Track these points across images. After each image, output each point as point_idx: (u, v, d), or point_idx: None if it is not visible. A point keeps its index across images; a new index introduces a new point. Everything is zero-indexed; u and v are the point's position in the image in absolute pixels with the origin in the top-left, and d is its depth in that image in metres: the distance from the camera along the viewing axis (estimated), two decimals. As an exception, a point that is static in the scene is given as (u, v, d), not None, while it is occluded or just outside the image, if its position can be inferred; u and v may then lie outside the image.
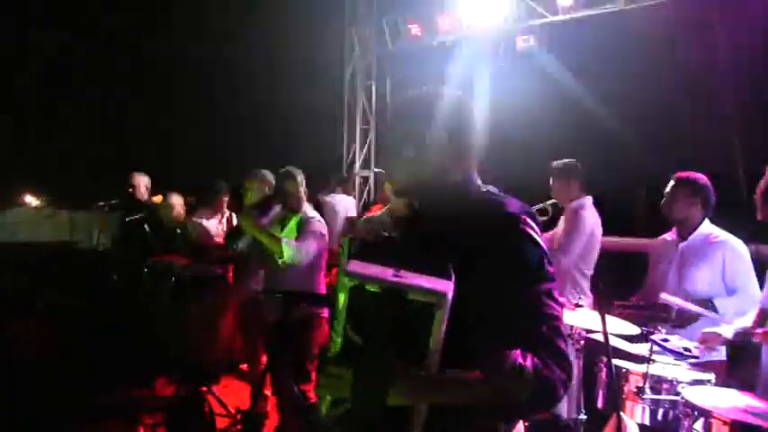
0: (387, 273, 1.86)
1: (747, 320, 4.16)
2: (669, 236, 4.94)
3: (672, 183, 4.78)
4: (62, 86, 17.36)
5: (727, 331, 4.12)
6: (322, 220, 5.70)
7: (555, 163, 5.95)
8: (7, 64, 16.48)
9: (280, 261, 5.40)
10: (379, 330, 1.87)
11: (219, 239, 7.29)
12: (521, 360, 1.91)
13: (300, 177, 5.69)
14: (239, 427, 6.05)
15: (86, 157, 17.38)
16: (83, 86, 17.32)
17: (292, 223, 5.65)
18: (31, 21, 16.74)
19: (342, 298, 1.89)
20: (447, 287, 1.85)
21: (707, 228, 4.70)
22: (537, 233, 2.11)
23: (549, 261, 2.10)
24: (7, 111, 16.72)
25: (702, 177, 4.73)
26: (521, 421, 2.28)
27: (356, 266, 1.88)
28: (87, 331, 7.35)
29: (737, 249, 4.59)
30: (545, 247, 2.11)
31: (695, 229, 4.70)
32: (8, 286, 8.60)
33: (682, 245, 4.74)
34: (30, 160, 17.48)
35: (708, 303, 4.41)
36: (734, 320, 4.24)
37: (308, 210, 5.68)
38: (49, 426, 5.84)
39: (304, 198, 5.69)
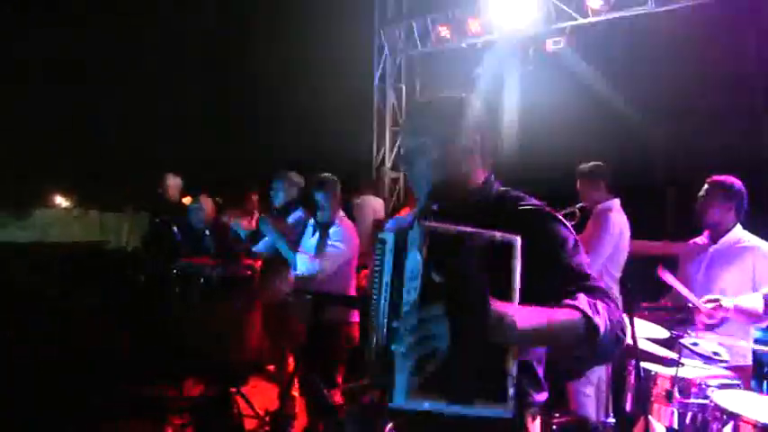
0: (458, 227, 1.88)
1: (755, 301, 4.11)
2: (700, 239, 4.90)
3: (706, 187, 4.72)
4: (90, 87, 17.48)
5: (728, 302, 4.07)
6: (348, 227, 5.66)
7: (582, 166, 5.91)
8: (35, 66, 16.63)
9: (293, 272, 5.46)
10: (472, 269, 1.82)
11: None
12: (590, 299, 1.97)
13: (333, 189, 5.65)
14: (267, 428, 6.06)
15: (116, 158, 17.50)
16: (111, 87, 17.44)
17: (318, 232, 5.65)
18: (60, 21, 16.87)
19: (416, 249, 1.82)
20: (516, 236, 1.90)
21: (738, 232, 4.65)
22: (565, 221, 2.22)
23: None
24: (37, 112, 16.88)
25: (737, 182, 4.67)
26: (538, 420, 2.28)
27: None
28: (116, 331, 7.41)
29: (766, 253, 4.55)
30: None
31: (726, 233, 4.66)
32: (38, 285, 8.67)
33: (712, 248, 4.70)
34: (59, 161, 17.61)
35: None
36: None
37: (337, 219, 5.65)
38: (78, 424, 5.88)
39: (334, 209, 5.64)
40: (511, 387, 1.84)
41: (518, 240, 1.88)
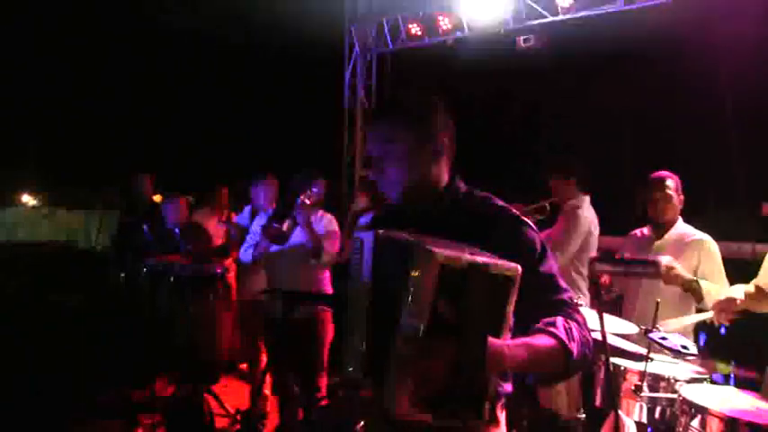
0: (464, 251, 1.90)
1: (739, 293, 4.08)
2: (640, 232, 4.98)
3: (662, 185, 4.75)
4: (62, 85, 17.35)
5: (739, 293, 3.91)
6: (330, 226, 5.64)
7: (553, 162, 5.95)
8: (9, 65, 16.48)
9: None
10: (476, 304, 1.88)
11: (218, 239, 7.26)
12: (565, 323, 2.09)
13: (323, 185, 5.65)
14: (238, 426, 6.06)
15: (86, 157, 17.38)
16: (83, 85, 17.31)
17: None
18: (45, 23, 16.75)
19: (422, 276, 1.85)
20: (517, 265, 1.92)
21: (682, 226, 4.75)
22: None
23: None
24: (6, 110, 16.72)
25: (675, 176, 4.78)
26: (503, 419, 2.33)
27: (436, 246, 1.86)
28: (86, 331, 7.35)
29: (711, 248, 4.62)
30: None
31: (671, 227, 4.74)
32: (8, 286, 8.59)
33: (657, 242, 4.79)
34: (27, 159, 17.47)
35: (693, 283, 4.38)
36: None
37: (321, 213, 5.65)
38: (48, 425, 5.84)
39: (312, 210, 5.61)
40: (488, 404, 1.95)
41: (519, 272, 1.91)
